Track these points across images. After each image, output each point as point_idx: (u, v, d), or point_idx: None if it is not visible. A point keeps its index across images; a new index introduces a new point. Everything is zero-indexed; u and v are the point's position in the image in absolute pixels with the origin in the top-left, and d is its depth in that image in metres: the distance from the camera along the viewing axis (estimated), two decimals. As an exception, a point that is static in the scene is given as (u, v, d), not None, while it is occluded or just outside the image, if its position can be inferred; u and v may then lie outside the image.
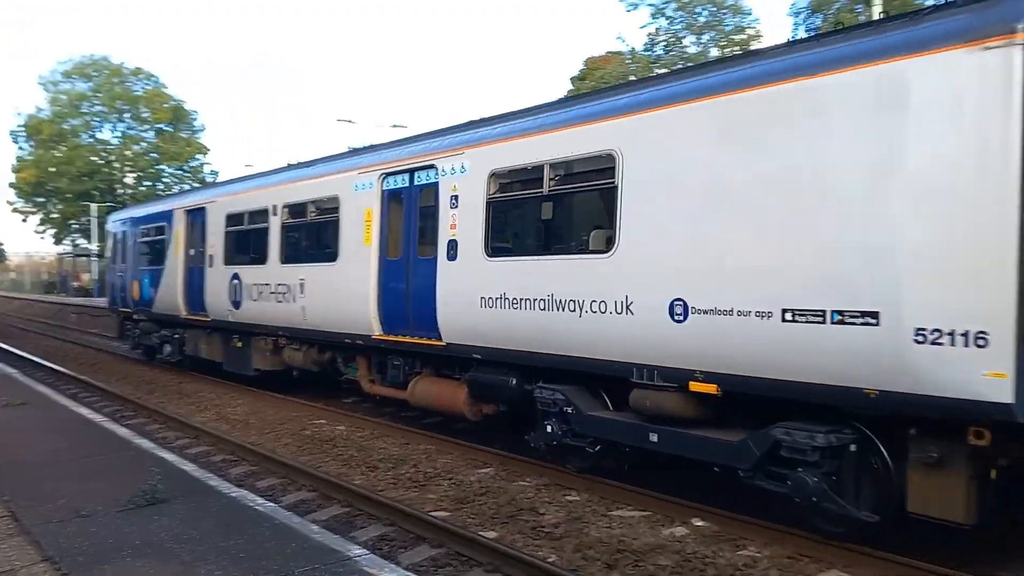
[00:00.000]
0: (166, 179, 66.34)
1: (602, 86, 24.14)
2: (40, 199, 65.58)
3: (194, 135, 67.88)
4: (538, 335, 9.10)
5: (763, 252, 6.96)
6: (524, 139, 9.62)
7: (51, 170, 62.32)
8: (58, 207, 65.42)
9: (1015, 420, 5.59)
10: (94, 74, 65.25)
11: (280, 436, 12.49)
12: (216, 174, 65.36)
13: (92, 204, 59.70)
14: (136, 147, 65.73)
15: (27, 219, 67.51)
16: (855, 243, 6.35)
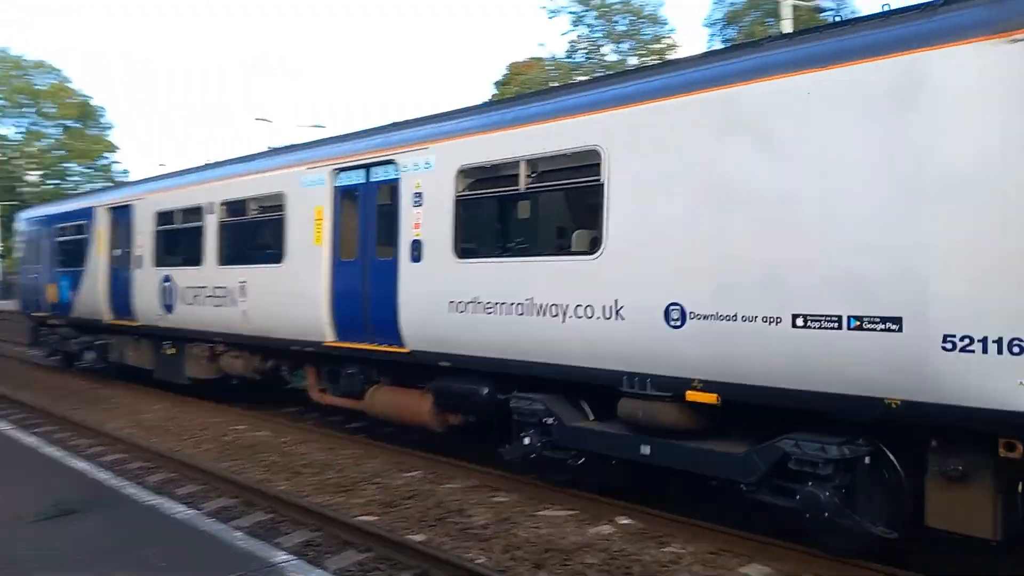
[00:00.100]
0: (74, 177, 63.22)
1: (525, 91, 24.11)
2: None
3: (103, 133, 64.90)
4: (516, 341, 8.54)
5: (771, 254, 6.57)
6: (497, 133, 9.05)
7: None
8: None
9: (1055, 431, 5.33)
10: (-9, 67, 61.98)
11: (200, 442, 12.07)
12: (127, 173, 62.74)
13: (-9, 203, 56.58)
14: (39, 143, 62.45)
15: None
16: (872, 244, 6.02)
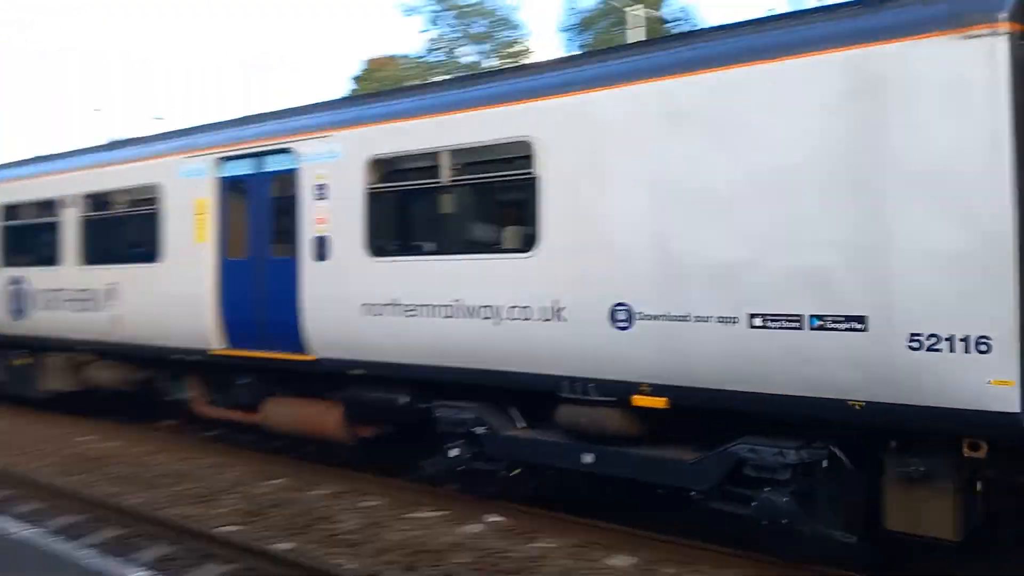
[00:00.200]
0: None
1: (386, 88, 23.51)
2: None
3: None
4: (442, 346, 7.92)
5: (726, 252, 6.29)
6: (414, 121, 8.37)
7: None
8: None
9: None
10: None
11: (43, 456, 11.22)
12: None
13: None
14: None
15: None
16: (835, 241, 5.84)
